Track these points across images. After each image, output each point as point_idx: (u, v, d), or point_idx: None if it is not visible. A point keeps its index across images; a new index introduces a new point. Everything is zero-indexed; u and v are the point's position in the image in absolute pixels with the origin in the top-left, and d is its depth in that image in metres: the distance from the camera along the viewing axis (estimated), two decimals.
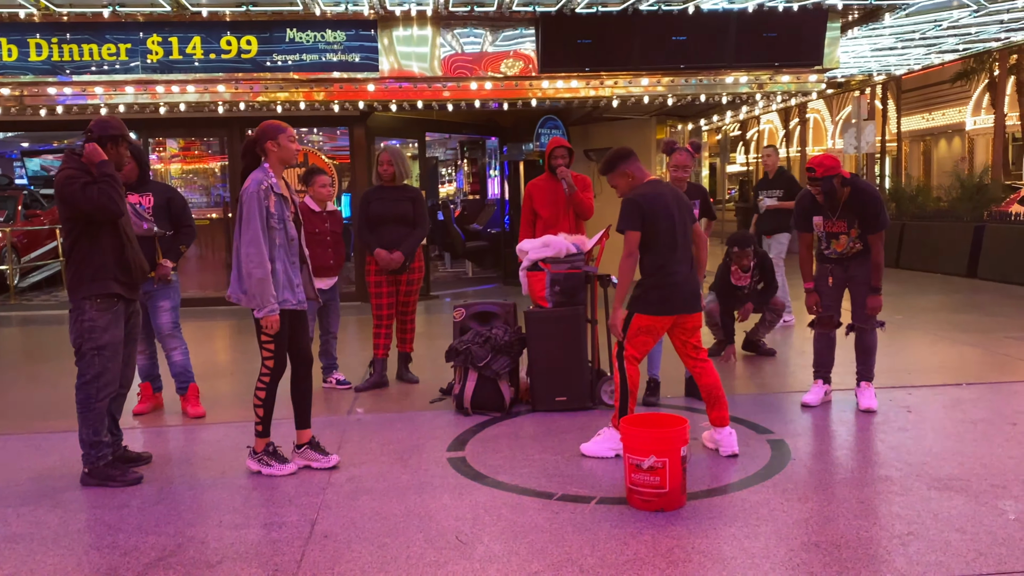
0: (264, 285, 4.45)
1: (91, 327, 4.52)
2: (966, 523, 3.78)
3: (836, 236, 5.71)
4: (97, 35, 9.97)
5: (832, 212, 5.66)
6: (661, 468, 3.94)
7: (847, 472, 4.58)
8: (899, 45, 13.22)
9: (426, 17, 10.16)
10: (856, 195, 5.60)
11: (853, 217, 5.61)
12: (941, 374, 6.76)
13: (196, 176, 12.94)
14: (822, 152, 45.25)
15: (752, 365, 7.37)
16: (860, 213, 5.59)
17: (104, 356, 4.56)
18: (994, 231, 13.18)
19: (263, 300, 4.46)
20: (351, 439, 5.37)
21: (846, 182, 5.58)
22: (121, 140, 4.70)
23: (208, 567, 3.54)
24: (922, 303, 10.75)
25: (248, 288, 4.48)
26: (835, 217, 5.66)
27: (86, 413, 4.58)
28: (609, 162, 4.84)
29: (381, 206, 6.57)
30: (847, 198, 5.61)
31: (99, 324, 4.53)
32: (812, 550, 3.54)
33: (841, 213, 5.64)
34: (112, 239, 4.58)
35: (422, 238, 6.70)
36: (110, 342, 4.57)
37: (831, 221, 5.70)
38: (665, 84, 10.78)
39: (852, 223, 5.62)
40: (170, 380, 6.12)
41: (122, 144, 4.72)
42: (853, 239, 5.66)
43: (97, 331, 4.53)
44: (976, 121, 32.75)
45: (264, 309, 4.46)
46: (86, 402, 4.57)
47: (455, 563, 3.51)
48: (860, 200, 5.59)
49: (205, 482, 4.62)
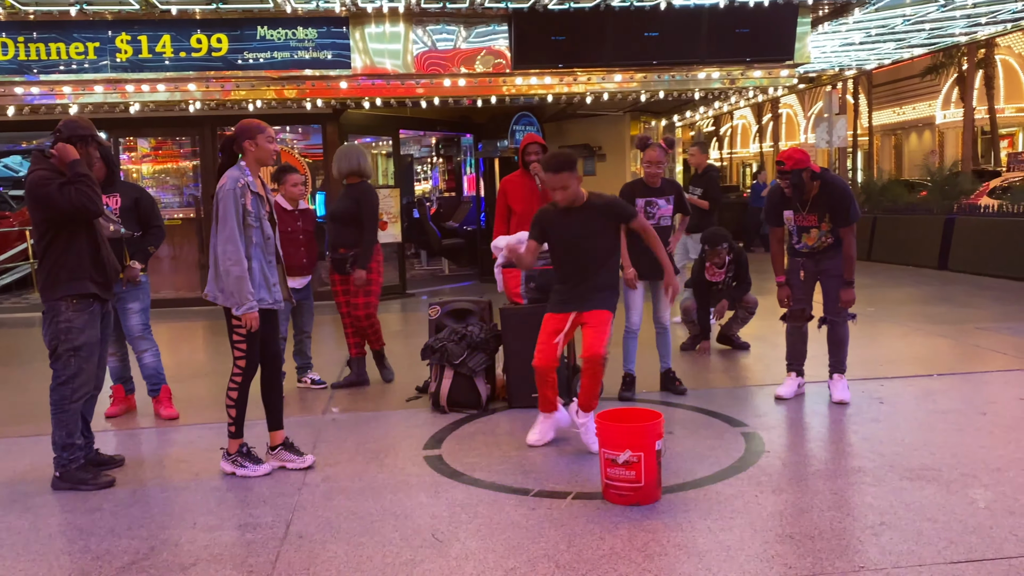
0: (242, 283, 4.42)
1: (67, 328, 4.49)
2: (937, 512, 3.82)
3: (807, 230, 5.75)
4: (65, 34, 9.85)
5: (802, 206, 5.70)
6: (636, 462, 3.95)
7: (821, 464, 4.61)
8: (869, 40, 13.35)
9: (398, 14, 10.12)
10: (826, 188, 5.64)
11: (823, 211, 5.65)
12: (913, 365, 6.83)
13: (168, 176, 12.82)
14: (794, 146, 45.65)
15: (726, 359, 7.41)
16: (830, 207, 5.63)
17: (80, 357, 4.53)
18: (964, 223, 13.34)
19: (241, 298, 4.43)
20: (326, 439, 5.34)
21: (816, 176, 5.61)
22: (91, 140, 4.67)
23: (182, 570, 3.50)
24: (894, 295, 10.86)
25: (226, 286, 4.45)
26: (805, 211, 5.70)
27: (60, 415, 4.53)
28: (566, 162, 4.73)
29: (334, 204, 6.75)
30: (817, 192, 5.65)
31: (76, 325, 4.50)
32: (787, 542, 3.57)
33: (811, 207, 5.68)
34: (87, 239, 4.55)
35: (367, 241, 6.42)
36: (86, 343, 4.54)
37: (801, 215, 5.73)
38: (638, 80, 10.82)
39: (823, 217, 5.66)
40: (143, 382, 6.06)
41: (92, 144, 4.69)
42: (824, 233, 5.70)
43: (74, 332, 4.50)
44: (946, 115, 33.16)
45: (243, 307, 4.44)
46: (60, 403, 4.53)
47: (431, 561, 3.50)
48: (830, 193, 5.64)
49: (178, 484, 4.58)
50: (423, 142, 20.02)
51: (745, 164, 56.95)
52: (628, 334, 6.08)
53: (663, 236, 6.00)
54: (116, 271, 4.78)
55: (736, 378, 6.76)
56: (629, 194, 6.02)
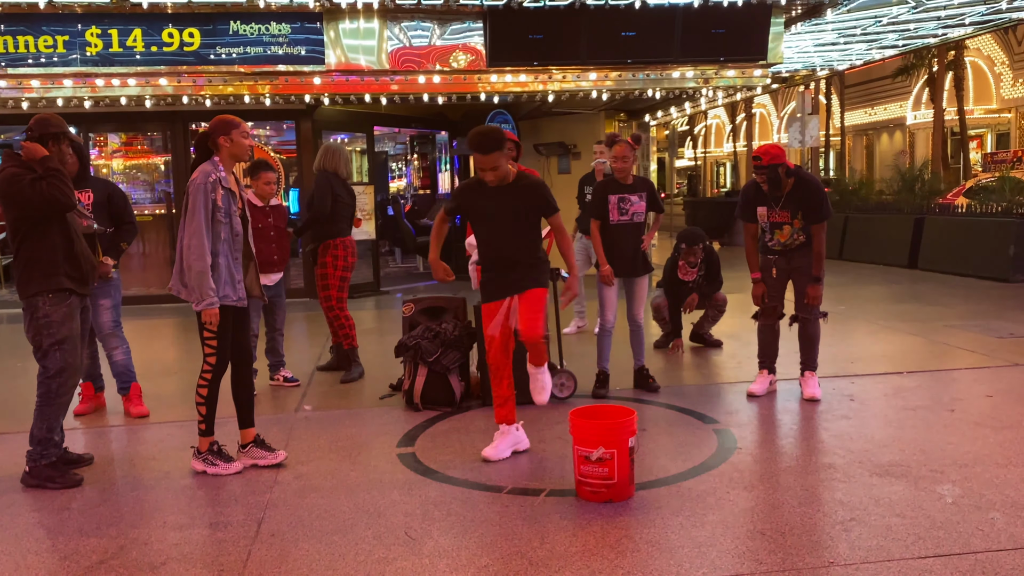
0: (203, 278, 4.38)
1: (47, 323, 4.49)
2: (906, 508, 3.86)
3: (779, 226, 5.79)
4: (33, 27, 9.70)
5: (775, 202, 5.75)
6: (609, 459, 3.96)
7: (792, 460, 4.65)
8: (841, 40, 13.47)
9: (372, 10, 10.07)
10: (799, 185, 5.69)
11: (796, 207, 5.70)
12: (883, 363, 6.91)
13: (139, 171, 12.67)
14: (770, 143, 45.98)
15: (699, 356, 7.45)
16: (803, 203, 5.68)
17: (65, 350, 4.53)
18: (933, 223, 13.51)
19: (202, 293, 4.39)
20: (299, 436, 5.31)
21: (790, 172, 5.66)
22: (62, 138, 4.68)
23: (152, 569, 3.47)
24: (864, 294, 10.97)
25: (188, 281, 4.41)
26: (778, 207, 5.75)
27: (45, 407, 4.53)
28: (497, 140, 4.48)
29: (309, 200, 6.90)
30: (791, 188, 5.70)
31: (55, 319, 4.49)
32: (758, 538, 3.60)
33: (784, 203, 5.72)
34: (60, 235, 4.55)
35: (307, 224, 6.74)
36: (68, 335, 4.54)
37: (774, 211, 5.78)
38: (613, 79, 10.84)
39: (795, 213, 5.71)
40: (112, 379, 5.99)
41: (64, 142, 4.68)
42: (796, 230, 5.75)
43: (54, 326, 4.49)
44: (916, 116, 33.50)
45: (203, 302, 4.40)
46: (47, 397, 4.52)
47: (404, 559, 3.49)
48: (803, 190, 5.69)
49: (148, 482, 4.54)
50: (398, 139, 19.94)
51: (719, 163, 57.27)
52: (603, 332, 6.10)
53: (637, 232, 6.03)
54: (92, 266, 4.78)
55: (708, 375, 6.80)
56: (602, 191, 6.03)
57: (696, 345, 7.85)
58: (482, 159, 4.49)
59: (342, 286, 6.71)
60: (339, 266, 6.67)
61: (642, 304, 6.12)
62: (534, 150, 13.62)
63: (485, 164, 4.50)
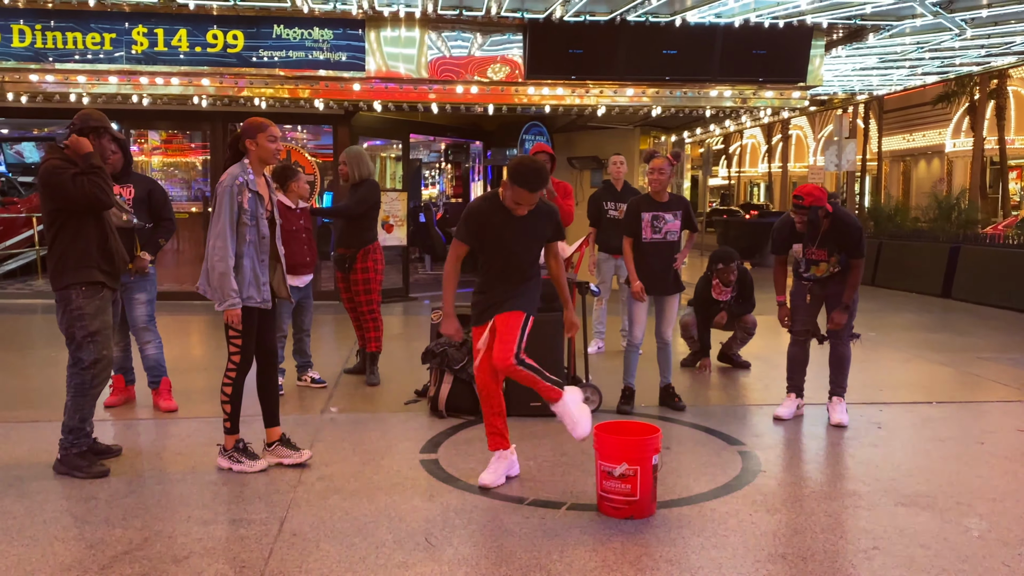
0: (225, 280, 4.43)
1: (80, 315, 4.55)
2: (931, 539, 3.82)
3: (816, 263, 5.80)
4: (82, 23, 9.89)
5: (811, 241, 5.73)
6: (632, 476, 3.96)
7: (816, 486, 4.61)
8: (882, 65, 13.37)
9: (414, 19, 10.16)
10: (836, 225, 5.67)
11: (834, 247, 5.70)
12: (912, 392, 6.83)
13: (177, 169, 12.85)
14: (804, 168, 45.63)
15: (726, 377, 7.41)
16: (841, 242, 5.67)
17: (97, 342, 4.59)
18: (969, 252, 13.34)
19: (224, 294, 4.46)
20: (324, 438, 5.35)
21: (828, 214, 5.65)
22: (103, 132, 4.76)
23: (175, 562, 3.51)
24: (896, 321, 10.86)
25: (211, 281, 4.49)
26: (815, 246, 5.73)
27: (79, 398, 4.59)
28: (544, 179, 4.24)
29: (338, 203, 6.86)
30: (828, 227, 5.68)
31: (87, 311, 4.56)
32: (779, 562, 3.57)
33: (821, 242, 5.71)
34: (96, 229, 4.61)
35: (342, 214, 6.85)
36: (100, 328, 4.60)
37: (811, 249, 5.77)
38: (650, 95, 10.85)
39: (832, 251, 5.71)
40: (143, 373, 6.08)
41: (104, 136, 4.77)
42: (833, 264, 5.74)
43: (87, 318, 4.56)
44: (955, 143, 33.17)
45: (225, 303, 4.47)
46: (81, 387, 4.59)
47: (424, 565, 3.50)
48: (840, 231, 5.67)
49: (174, 476, 4.59)
50: (432, 147, 20.06)
51: (753, 183, 56.98)
52: (630, 348, 6.09)
53: (670, 251, 6.01)
54: (124, 261, 4.85)
55: (735, 396, 6.76)
56: (636, 208, 6.03)
57: (724, 365, 7.81)
58: (528, 196, 4.20)
59: (380, 289, 6.86)
60: (379, 269, 6.81)
61: (671, 323, 6.11)
62: (567, 163, 13.65)
63: (528, 201, 4.23)
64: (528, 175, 4.17)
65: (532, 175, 4.17)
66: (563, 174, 12.72)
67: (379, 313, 6.85)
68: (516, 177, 4.19)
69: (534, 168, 4.20)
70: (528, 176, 4.17)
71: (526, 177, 4.17)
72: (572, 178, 13.43)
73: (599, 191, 8.37)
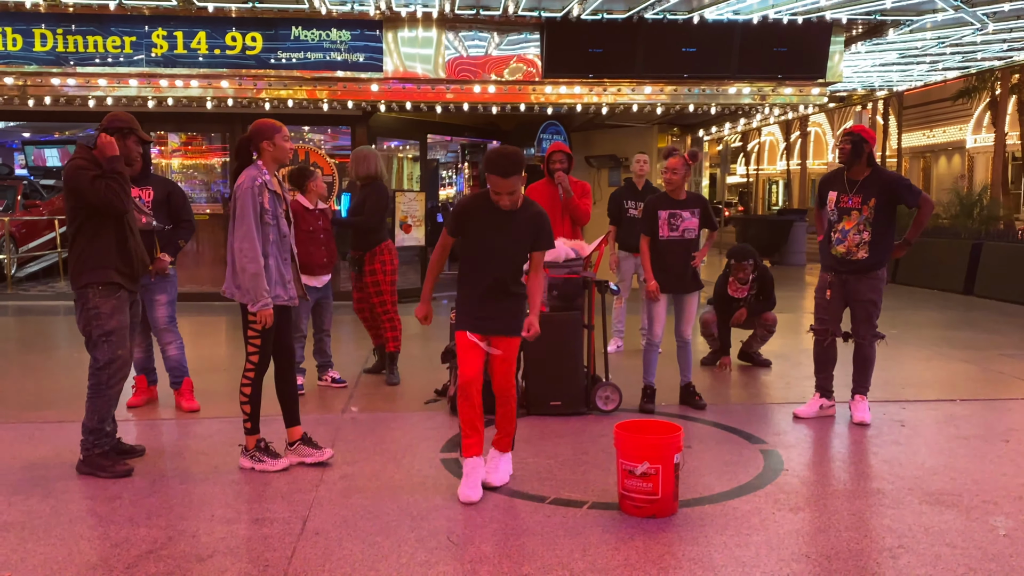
0: (258, 280, 4.47)
1: (96, 314, 4.58)
2: (956, 538, 3.78)
3: (848, 212, 5.67)
4: (102, 27, 9.98)
5: (850, 186, 5.66)
6: (654, 475, 3.94)
7: (840, 484, 4.58)
8: (902, 61, 13.27)
9: (432, 19, 10.18)
10: (876, 172, 5.65)
11: (870, 193, 5.59)
12: (935, 389, 6.78)
13: (196, 171, 12.93)
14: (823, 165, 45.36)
15: (747, 375, 7.38)
16: (886, 188, 5.59)
17: (112, 342, 4.60)
18: (991, 249, 13.22)
19: (256, 295, 4.48)
20: (345, 437, 5.37)
21: (871, 162, 5.63)
22: (129, 133, 4.79)
23: (199, 560, 3.53)
24: (918, 318, 10.77)
25: (242, 283, 4.50)
26: (852, 191, 5.66)
27: (96, 399, 4.62)
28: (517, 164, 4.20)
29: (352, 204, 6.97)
30: (868, 174, 5.64)
31: (104, 311, 4.58)
32: (803, 561, 3.55)
33: (859, 188, 5.64)
34: (116, 230, 4.63)
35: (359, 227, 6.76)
36: (117, 328, 4.62)
37: (845, 196, 5.69)
38: (668, 93, 10.81)
39: (867, 199, 5.60)
40: (165, 374, 6.12)
41: (130, 137, 4.80)
42: (864, 218, 5.61)
43: (103, 317, 4.58)
44: (976, 139, 32.86)
45: (258, 304, 4.49)
46: (97, 388, 4.62)
47: (446, 563, 3.51)
48: (881, 176, 5.63)
49: (197, 476, 4.62)
50: (449, 147, 20.08)
51: (772, 181, 56.68)
52: (650, 347, 6.07)
53: (687, 249, 5.99)
54: (144, 263, 4.85)
55: (756, 395, 6.73)
56: (653, 206, 6.01)
57: (744, 364, 7.77)
58: (502, 182, 4.17)
59: (393, 290, 6.80)
60: (387, 271, 6.75)
61: (691, 321, 6.08)
62: (585, 162, 13.63)
63: (503, 188, 4.19)
64: (497, 160, 4.18)
65: (500, 159, 4.17)
66: (581, 173, 12.70)
67: (395, 313, 6.81)
68: (487, 164, 4.22)
69: (502, 153, 4.22)
70: (497, 161, 4.17)
71: (495, 162, 4.18)
72: (590, 177, 13.41)
73: (620, 189, 8.35)
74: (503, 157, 4.19)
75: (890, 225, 5.68)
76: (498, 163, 4.17)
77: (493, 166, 4.19)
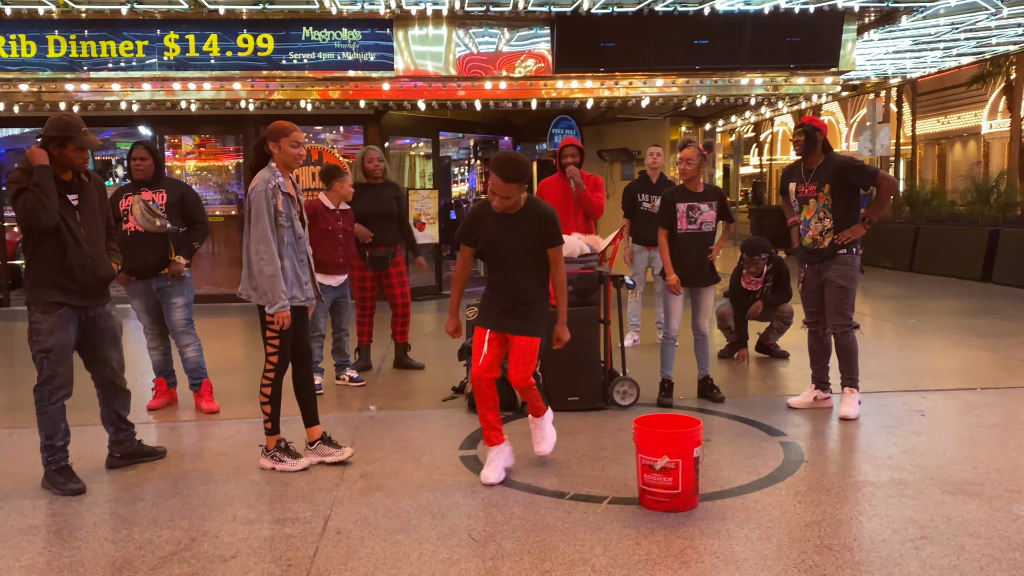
0: (275, 282, 4.49)
1: (36, 329, 4.38)
2: (980, 528, 3.76)
3: (806, 201, 5.69)
4: (115, 32, 10.02)
5: (806, 175, 5.67)
6: (674, 469, 3.94)
7: (860, 475, 4.56)
8: (915, 48, 13.16)
9: (442, 16, 10.17)
10: (831, 158, 5.63)
11: (824, 179, 5.59)
12: (955, 378, 6.73)
13: (211, 173, 12.99)
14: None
15: (764, 367, 7.35)
16: (837, 173, 5.56)
17: (51, 360, 4.38)
18: (1009, 235, 13.11)
19: (274, 296, 4.51)
20: (364, 436, 5.39)
21: (826, 149, 5.62)
22: (64, 142, 4.34)
23: (222, 561, 3.56)
24: (936, 307, 10.70)
25: (259, 285, 4.52)
26: (808, 180, 5.67)
27: (39, 415, 4.46)
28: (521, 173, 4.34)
29: (369, 204, 6.93)
30: (822, 163, 5.63)
31: (43, 327, 4.36)
32: (825, 552, 3.54)
33: (813, 176, 5.64)
34: (55, 245, 4.33)
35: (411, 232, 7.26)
36: (55, 346, 4.37)
37: (803, 185, 5.71)
38: (680, 85, 10.76)
39: (822, 186, 5.60)
40: (184, 376, 6.15)
41: (68, 145, 4.35)
42: (822, 205, 5.60)
43: (42, 334, 4.36)
44: (992, 125, 32.53)
45: (275, 305, 4.51)
46: (39, 404, 4.45)
47: (468, 560, 3.52)
48: (835, 162, 5.61)
49: (219, 477, 4.65)
50: (461, 144, 20.07)
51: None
52: (667, 340, 6.06)
53: (705, 241, 5.97)
54: (97, 275, 4.47)
55: (774, 387, 6.70)
56: (671, 199, 5.99)
57: (762, 356, 7.75)
58: (501, 185, 4.29)
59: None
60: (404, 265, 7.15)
61: (708, 314, 6.07)
62: (597, 156, 13.60)
63: (499, 190, 4.31)
64: (504, 163, 4.30)
65: (507, 163, 4.29)
66: (593, 167, 12.68)
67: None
68: (494, 163, 4.36)
69: (511, 158, 4.33)
70: (503, 164, 4.29)
71: (501, 164, 4.30)
72: (602, 171, 13.38)
73: (634, 183, 8.34)
74: (510, 162, 4.31)
75: (851, 209, 5.63)
76: (504, 166, 4.29)
77: (498, 167, 4.31)
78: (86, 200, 4.48)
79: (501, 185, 4.30)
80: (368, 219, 6.84)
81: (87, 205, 4.48)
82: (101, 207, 4.61)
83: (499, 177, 4.29)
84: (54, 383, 4.42)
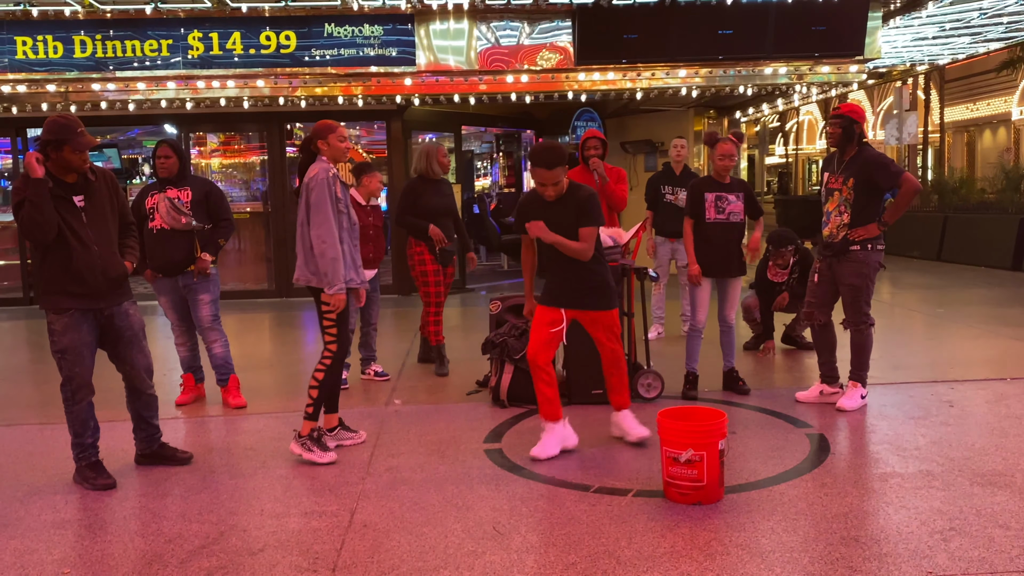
0: (336, 264, 4.66)
1: (51, 330, 4.41)
2: (1010, 519, 3.72)
3: (832, 193, 5.62)
4: (139, 31, 10.13)
5: (837, 166, 5.59)
6: (699, 461, 3.93)
7: (888, 467, 4.52)
8: (942, 34, 12.99)
9: (463, 10, 10.17)
10: (863, 152, 5.54)
11: (851, 172, 5.51)
12: (984, 368, 6.65)
13: (235, 170, 13.09)
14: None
15: (790, 359, 7.31)
16: (865, 169, 5.47)
17: (67, 360, 4.41)
18: None
19: (334, 278, 4.66)
20: (389, 430, 5.42)
21: (861, 141, 5.53)
22: (60, 146, 4.25)
23: (251, 555, 3.59)
24: (965, 296, 10.57)
25: (320, 267, 4.67)
26: (838, 171, 5.59)
27: (67, 413, 4.53)
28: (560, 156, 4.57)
29: (434, 200, 6.83)
30: (854, 154, 5.55)
31: (56, 328, 4.39)
32: (852, 544, 3.52)
33: (845, 167, 5.56)
34: (60, 251, 4.31)
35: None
36: (69, 346, 4.38)
37: (833, 176, 5.64)
38: (703, 75, 10.70)
39: (847, 179, 5.52)
40: (211, 371, 6.21)
41: (64, 148, 4.25)
42: (844, 199, 5.53)
43: (56, 335, 4.40)
44: (1022, 111, 32.05)
45: (334, 287, 4.66)
46: (66, 403, 4.51)
47: (493, 553, 3.53)
48: (866, 157, 5.51)
49: (246, 471, 4.69)
50: (483, 138, 20.08)
51: (811, 160, 55.86)
52: (692, 332, 6.04)
53: (733, 232, 5.94)
54: (107, 275, 4.43)
55: (800, 379, 6.65)
56: (699, 189, 5.96)
57: (788, 348, 7.70)
58: (547, 174, 4.56)
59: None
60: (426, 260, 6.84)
61: (734, 305, 6.04)
62: (620, 148, 13.56)
63: (548, 179, 4.58)
64: (541, 153, 4.58)
65: (544, 152, 4.57)
66: (616, 159, 12.63)
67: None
68: (532, 159, 4.63)
69: (546, 147, 4.61)
70: (541, 154, 4.57)
71: (540, 155, 4.57)
72: (625, 162, 13.34)
73: (658, 174, 8.29)
74: (546, 150, 4.58)
75: (869, 206, 5.51)
76: (542, 156, 4.56)
77: (538, 159, 4.58)
78: (93, 200, 4.42)
79: (547, 174, 4.55)
80: (437, 215, 6.78)
81: (94, 205, 4.42)
82: (112, 204, 4.55)
83: (543, 168, 4.54)
84: (73, 384, 4.47)
